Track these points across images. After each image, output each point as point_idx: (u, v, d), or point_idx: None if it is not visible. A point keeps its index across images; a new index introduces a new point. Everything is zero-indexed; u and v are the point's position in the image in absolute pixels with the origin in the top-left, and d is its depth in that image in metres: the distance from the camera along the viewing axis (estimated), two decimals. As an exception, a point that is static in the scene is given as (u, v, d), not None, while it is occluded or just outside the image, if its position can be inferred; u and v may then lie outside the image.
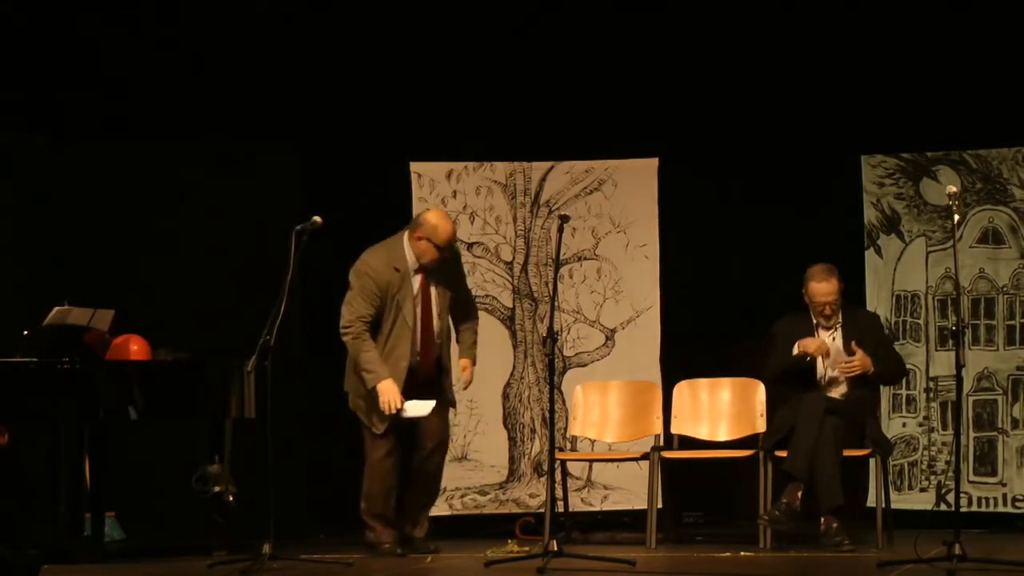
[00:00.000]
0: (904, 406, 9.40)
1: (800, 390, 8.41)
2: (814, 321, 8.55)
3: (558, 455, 8.78)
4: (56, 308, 8.47)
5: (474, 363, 8.40)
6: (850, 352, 8.43)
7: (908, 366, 9.34)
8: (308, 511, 9.77)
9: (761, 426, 8.75)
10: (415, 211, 9.64)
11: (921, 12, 9.47)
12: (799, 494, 8.20)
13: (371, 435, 8.28)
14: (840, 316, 8.54)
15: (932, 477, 9.31)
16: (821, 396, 8.31)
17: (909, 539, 7.45)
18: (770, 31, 9.68)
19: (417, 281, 8.25)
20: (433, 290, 8.27)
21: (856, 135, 9.59)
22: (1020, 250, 9.30)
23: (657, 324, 9.52)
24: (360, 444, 9.80)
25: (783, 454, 8.36)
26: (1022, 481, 9.19)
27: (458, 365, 8.41)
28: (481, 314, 9.56)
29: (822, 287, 8.44)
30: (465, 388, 8.46)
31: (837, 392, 8.46)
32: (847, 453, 8.24)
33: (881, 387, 8.83)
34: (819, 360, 8.48)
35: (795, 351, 8.41)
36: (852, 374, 8.36)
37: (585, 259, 9.63)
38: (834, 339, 8.53)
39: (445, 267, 8.27)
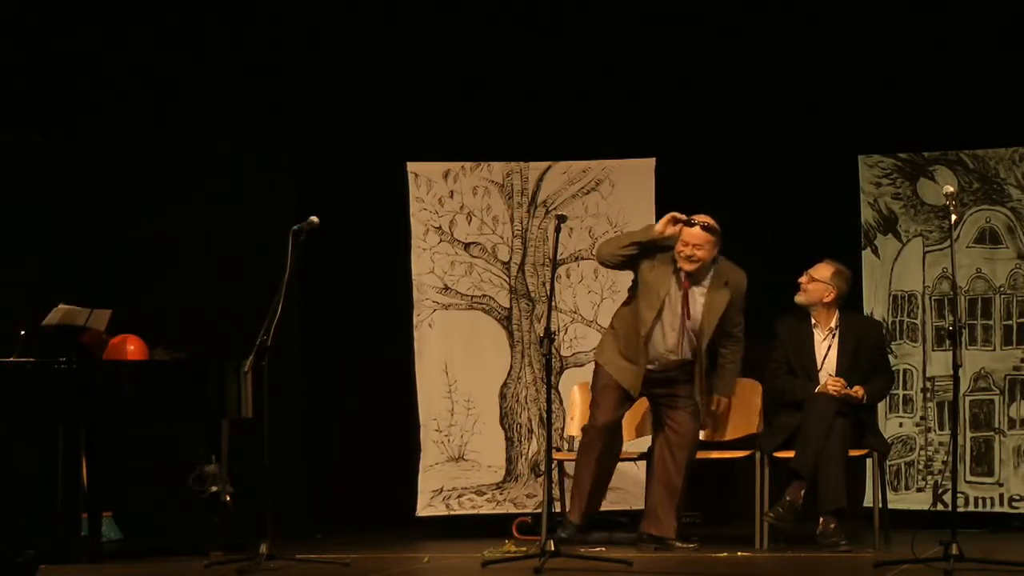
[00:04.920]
0: (901, 406, 9.40)
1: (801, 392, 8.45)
2: (812, 321, 8.58)
3: (555, 455, 8.80)
4: (54, 308, 8.47)
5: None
6: (847, 362, 8.45)
7: (905, 366, 9.37)
8: (305, 511, 9.77)
9: (759, 426, 8.75)
10: (412, 211, 9.66)
11: (919, 12, 9.47)
12: (802, 492, 8.22)
13: None
14: (838, 321, 8.55)
15: (929, 477, 9.32)
16: (831, 397, 8.32)
17: (906, 539, 7.46)
18: (767, 30, 9.68)
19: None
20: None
21: (853, 135, 9.59)
22: (1017, 250, 9.31)
23: (655, 324, 9.52)
24: (363, 445, 9.87)
25: (782, 455, 8.38)
26: (1019, 481, 9.20)
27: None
28: (478, 314, 9.61)
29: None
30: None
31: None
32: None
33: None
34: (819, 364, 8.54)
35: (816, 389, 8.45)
36: (838, 395, 8.36)
37: (582, 259, 9.63)
38: (830, 347, 8.54)
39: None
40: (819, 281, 8.57)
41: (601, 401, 8.39)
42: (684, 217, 8.27)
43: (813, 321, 8.60)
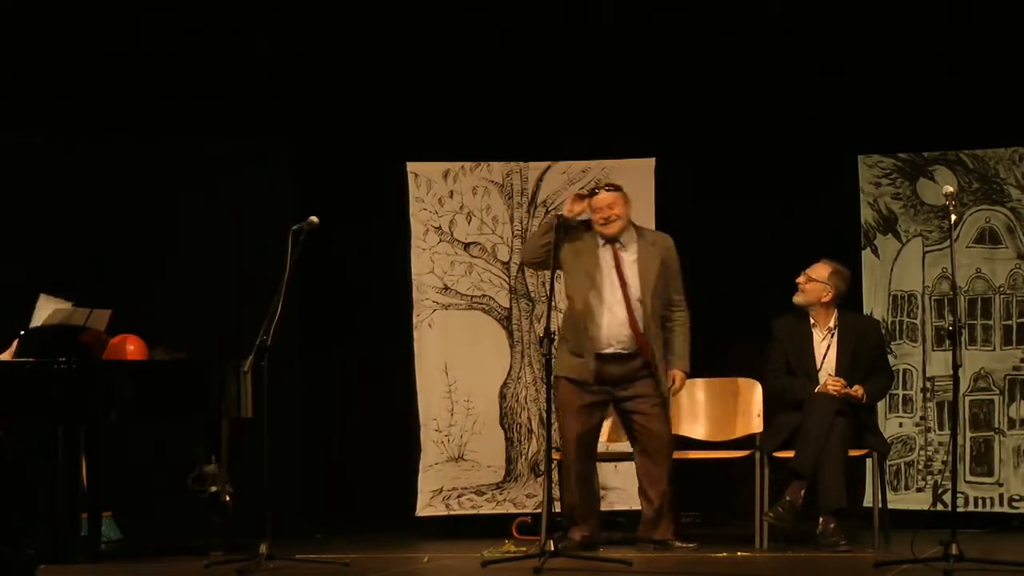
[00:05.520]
0: (901, 406, 9.40)
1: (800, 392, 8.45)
2: (811, 321, 8.59)
3: (555, 455, 8.78)
4: (42, 296, 8.47)
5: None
6: (846, 361, 8.45)
7: (905, 366, 9.37)
8: (305, 511, 9.77)
9: (758, 426, 8.76)
10: (412, 211, 9.67)
11: (918, 12, 9.48)
12: (802, 492, 8.22)
13: None
14: (836, 320, 8.56)
15: (929, 477, 9.32)
16: (831, 397, 8.31)
17: (906, 539, 7.45)
18: (767, 30, 9.68)
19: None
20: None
21: (853, 135, 9.60)
22: (1017, 250, 9.31)
23: (654, 324, 9.51)
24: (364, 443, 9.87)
25: (783, 455, 8.38)
26: (1019, 481, 9.20)
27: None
28: (478, 314, 9.60)
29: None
30: None
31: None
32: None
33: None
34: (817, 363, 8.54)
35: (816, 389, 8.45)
36: (838, 394, 8.35)
37: (582, 259, 9.61)
38: (829, 346, 8.55)
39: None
40: (817, 281, 8.57)
41: (568, 416, 8.24)
42: (585, 191, 8.30)
43: (812, 321, 8.60)
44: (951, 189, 7.62)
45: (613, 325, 8.22)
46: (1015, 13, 9.31)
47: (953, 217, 7.64)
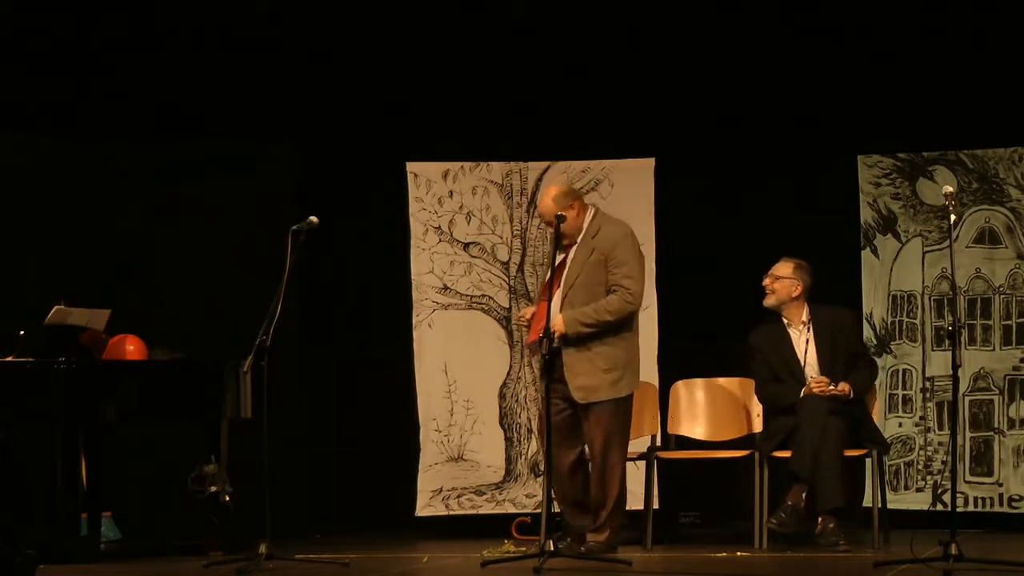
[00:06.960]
0: (900, 406, 9.40)
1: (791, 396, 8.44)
2: (785, 322, 8.57)
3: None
4: (56, 308, 8.48)
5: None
6: (826, 356, 8.45)
7: (905, 366, 9.36)
8: (305, 511, 9.78)
9: (758, 426, 8.76)
10: (411, 211, 9.67)
11: (918, 12, 9.48)
12: (803, 495, 8.21)
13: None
14: (808, 314, 8.55)
15: (928, 477, 9.32)
16: (820, 397, 8.31)
17: (905, 539, 7.46)
18: (767, 31, 9.68)
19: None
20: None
21: (852, 135, 9.60)
22: (1016, 250, 9.31)
23: (654, 324, 9.52)
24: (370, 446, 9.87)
25: (782, 455, 8.37)
26: (1018, 481, 9.20)
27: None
28: (477, 314, 9.61)
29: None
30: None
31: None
32: (845, 453, 8.25)
33: (876, 385, 8.85)
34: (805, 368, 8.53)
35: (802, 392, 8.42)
36: (824, 395, 8.34)
37: (582, 259, 9.61)
38: (808, 341, 8.54)
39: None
40: (784, 278, 8.57)
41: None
42: (524, 322, 8.18)
43: (786, 321, 8.59)
44: (951, 189, 7.61)
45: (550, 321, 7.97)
46: (1015, 13, 9.31)
47: (952, 217, 7.62)
